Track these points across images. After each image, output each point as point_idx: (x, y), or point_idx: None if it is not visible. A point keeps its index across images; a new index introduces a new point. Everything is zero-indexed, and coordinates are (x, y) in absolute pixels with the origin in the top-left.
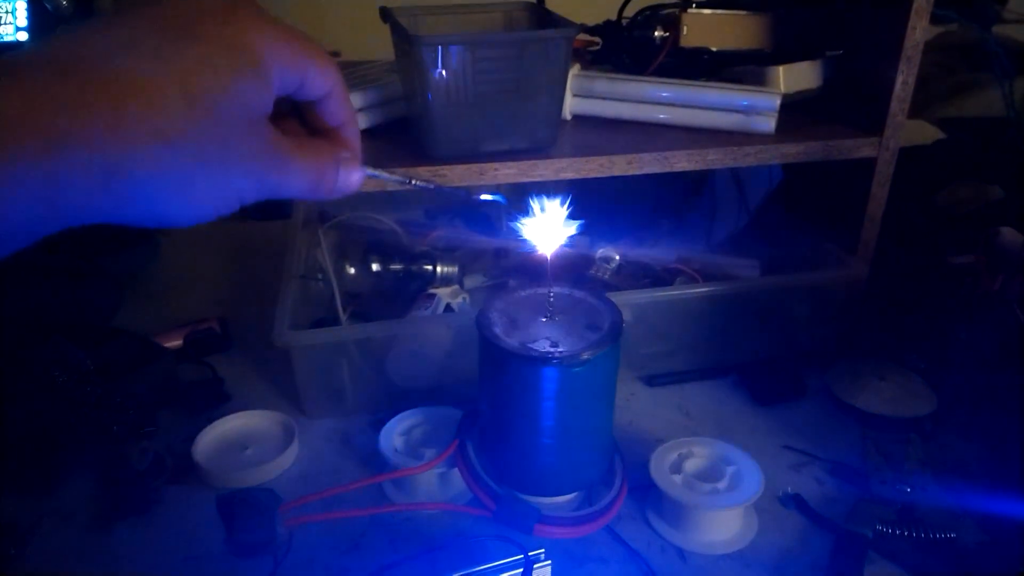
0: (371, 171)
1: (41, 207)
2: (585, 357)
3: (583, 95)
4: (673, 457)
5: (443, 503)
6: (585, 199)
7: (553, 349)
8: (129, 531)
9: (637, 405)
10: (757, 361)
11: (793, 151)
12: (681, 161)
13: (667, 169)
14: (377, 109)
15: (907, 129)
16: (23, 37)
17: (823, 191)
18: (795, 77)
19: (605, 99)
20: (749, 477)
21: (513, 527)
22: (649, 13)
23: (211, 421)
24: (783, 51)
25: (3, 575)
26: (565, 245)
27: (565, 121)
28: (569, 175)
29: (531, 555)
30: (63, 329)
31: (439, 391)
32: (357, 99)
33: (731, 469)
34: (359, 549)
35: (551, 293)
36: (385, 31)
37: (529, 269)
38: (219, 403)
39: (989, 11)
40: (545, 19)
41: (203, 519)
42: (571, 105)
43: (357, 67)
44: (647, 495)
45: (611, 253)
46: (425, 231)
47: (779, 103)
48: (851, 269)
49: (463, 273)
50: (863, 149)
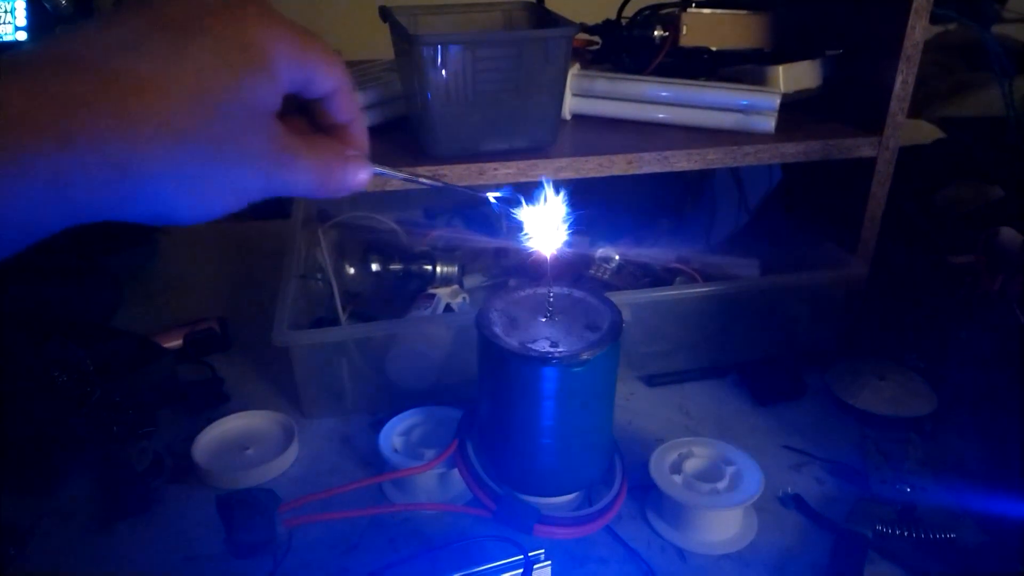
0: (378, 168)
1: (49, 204)
2: (585, 357)
3: (583, 94)
4: (673, 457)
5: (443, 503)
6: (585, 199)
7: (553, 349)
8: (129, 531)
9: (637, 405)
10: (757, 361)
11: (793, 151)
12: (681, 161)
13: (667, 169)
14: (376, 108)
15: (907, 128)
16: (22, 37)
17: (823, 191)
18: (795, 76)
19: (605, 99)
20: (749, 477)
21: (513, 527)
22: (649, 12)
23: (211, 421)
24: (783, 50)
25: (3, 575)
26: (564, 244)
27: (565, 121)
28: (569, 174)
29: (531, 555)
30: (63, 329)
31: (439, 391)
32: (357, 98)
33: (731, 469)
34: (358, 549)
35: (551, 293)
36: (385, 30)
37: (529, 269)
38: (219, 403)
39: (989, 10)
40: (545, 18)
41: (202, 519)
42: (571, 105)
43: (356, 66)
44: (647, 495)
45: (611, 253)
46: (425, 231)
47: (779, 102)
48: (851, 268)
49: (463, 273)
50: (863, 148)
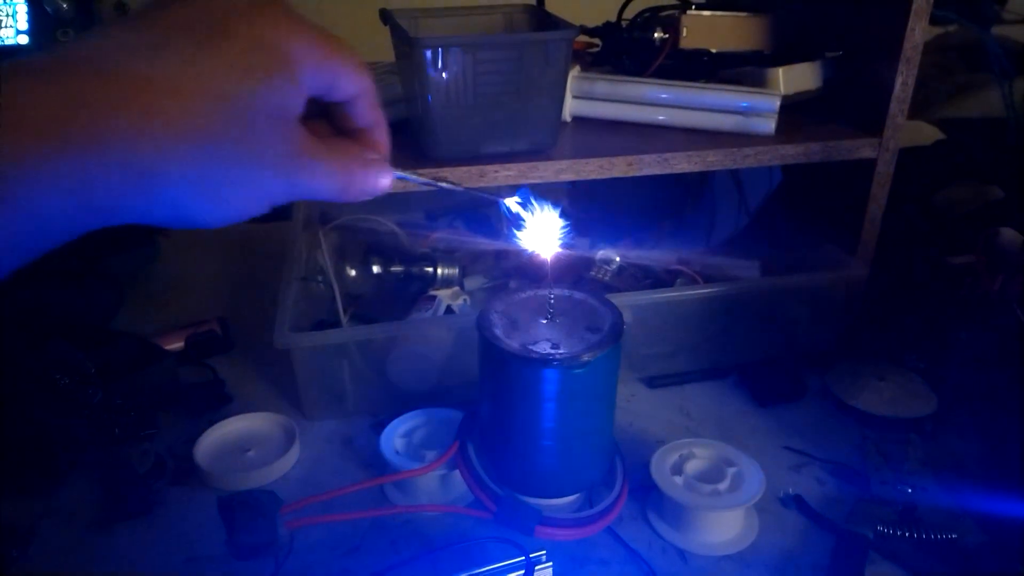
0: (399, 173)
1: (71, 207)
2: (586, 359)
3: (583, 97)
4: (674, 458)
5: (444, 505)
6: (585, 201)
7: (554, 351)
8: (130, 533)
9: (638, 406)
10: (758, 362)
11: (793, 152)
12: (681, 163)
13: (667, 171)
14: None
15: (907, 130)
16: (23, 40)
17: (823, 192)
18: (794, 78)
19: (605, 101)
20: (750, 478)
21: (514, 529)
22: (649, 15)
23: (212, 423)
24: (782, 52)
25: None
26: (564, 245)
27: (565, 123)
28: (569, 177)
29: (532, 557)
30: (64, 331)
31: (440, 393)
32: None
33: (732, 470)
34: (360, 551)
35: (551, 295)
36: (385, 33)
37: (530, 271)
38: (220, 405)
39: (988, 12)
40: (545, 21)
41: (204, 521)
42: (571, 107)
43: None
44: (648, 496)
45: (611, 255)
46: (426, 233)
47: (779, 104)
48: (851, 270)
49: (464, 275)
50: (863, 150)
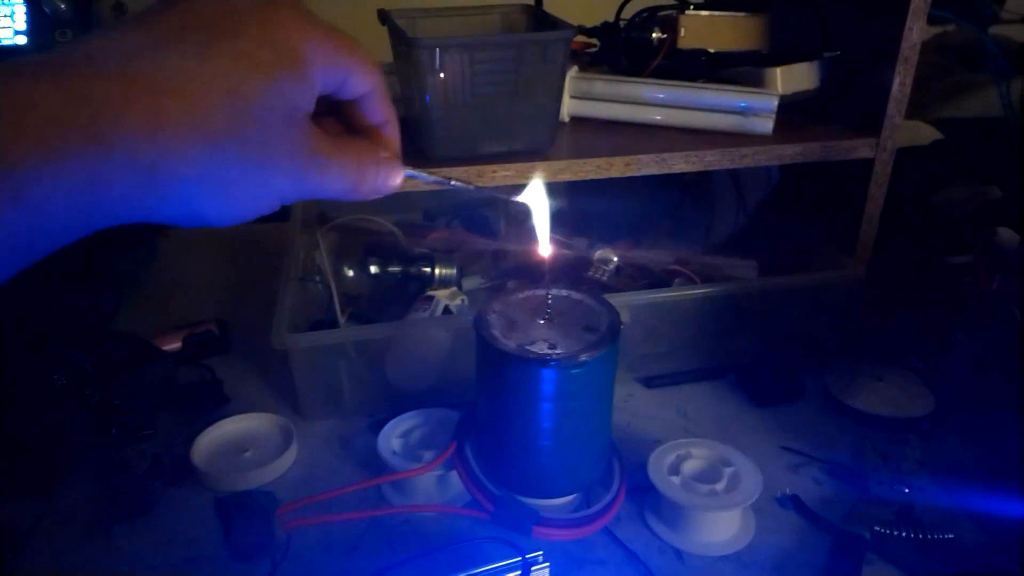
0: (410, 171)
1: (80, 205)
2: (583, 359)
3: (581, 97)
4: (671, 458)
5: (441, 505)
6: (583, 201)
7: (551, 351)
8: (127, 534)
9: (635, 406)
10: (755, 362)
11: (791, 152)
12: (679, 163)
13: (665, 171)
14: None
15: (905, 130)
16: (22, 41)
17: (821, 192)
18: (792, 78)
19: (603, 101)
20: (747, 478)
21: (511, 529)
22: (647, 15)
23: (210, 423)
24: (780, 52)
25: None
26: (562, 246)
27: (563, 123)
28: (567, 177)
29: (529, 557)
30: (62, 331)
31: (437, 393)
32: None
33: (729, 470)
34: (357, 551)
35: (549, 295)
36: (383, 33)
37: (527, 271)
38: (218, 405)
39: (987, 11)
40: (543, 21)
41: (201, 522)
42: (569, 107)
43: None
44: (645, 496)
45: (609, 255)
46: (423, 233)
47: (776, 104)
48: (849, 270)
49: (461, 275)
50: (860, 150)
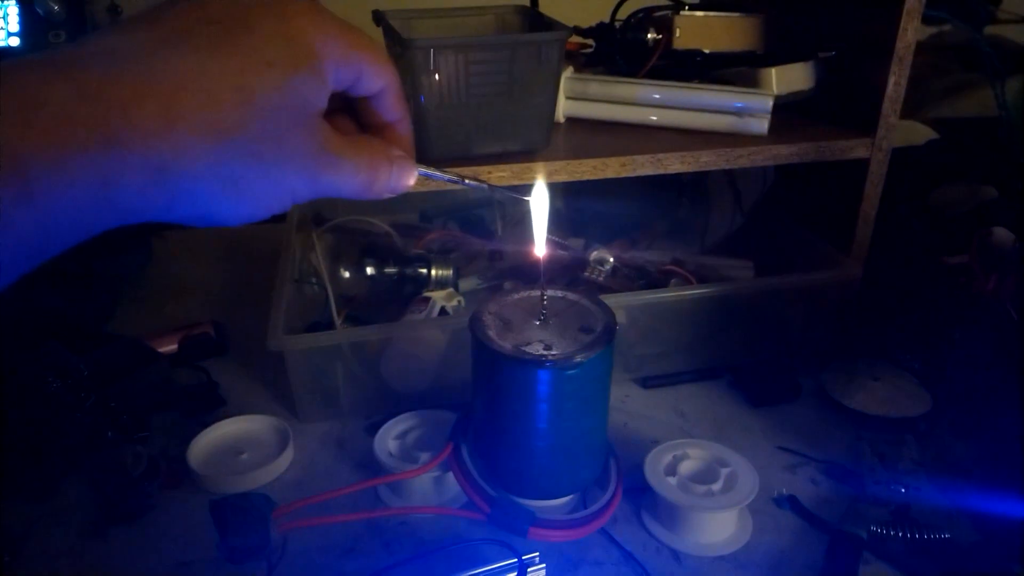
0: (424, 170)
1: (94, 203)
2: (579, 360)
3: (576, 97)
4: (668, 459)
5: (438, 507)
6: (579, 202)
7: (546, 352)
8: (123, 536)
9: (632, 407)
10: (752, 362)
11: (786, 152)
12: (674, 163)
13: (660, 171)
14: None
15: (901, 129)
16: (15, 43)
17: (817, 192)
18: (788, 78)
19: (598, 101)
20: (744, 479)
21: (508, 530)
22: (642, 15)
23: (206, 425)
24: (775, 52)
25: None
26: (558, 247)
27: (558, 123)
28: (562, 177)
29: (525, 558)
30: (57, 334)
31: (434, 394)
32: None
33: (726, 471)
34: (353, 553)
35: (544, 296)
36: (378, 34)
37: (523, 272)
38: (214, 407)
39: (982, 11)
40: (538, 22)
41: (197, 524)
42: (564, 107)
43: None
44: (642, 497)
45: (605, 255)
46: (419, 234)
47: (772, 104)
48: (845, 270)
49: (458, 276)
50: (856, 150)
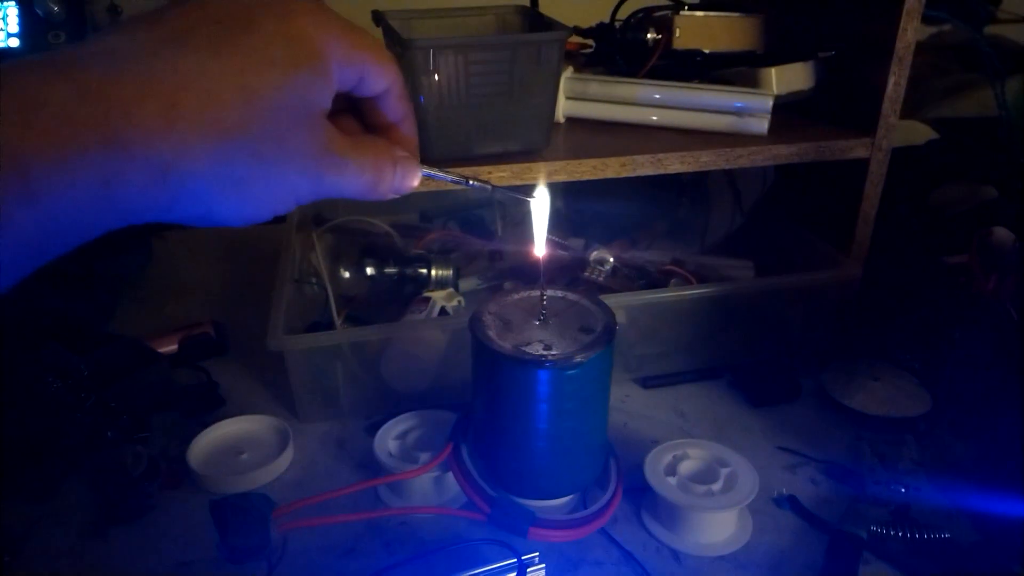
0: (428, 171)
1: (96, 204)
2: (578, 360)
3: (576, 97)
4: (668, 459)
5: (438, 507)
6: (579, 202)
7: (546, 352)
8: (123, 537)
9: (632, 407)
10: (752, 362)
11: (786, 152)
12: (674, 163)
13: (660, 171)
14: None
15: (900, 129)
16: (14, 44)
17: (817, 192)
18: (787, 78)
19: (598, 101)
20: (744, 479)
21: (508, 530)
22: (642, 15)
23: (206, 425)
24: (775, 52)
25: None
26: (558, 247)
27: (558, 124)
28: (562, 177)
29: (525, 558)
30: (57, 334)
31: (434, 394)
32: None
33: (726, 471)
34: (353, 553)
35: (544, 296)
36: (377, 34)
37: (523, 272)
38: (214, 408)
39: (982, 11)
40: (537, 22)
41: (197, 524)
42: (564, 108)
43: None
44: (642, 497)
45: (605, 255)
46: (420, 234)
47: (772, 104)
48: (845, 270)
49: (458, 276)
50: (856, 150)
